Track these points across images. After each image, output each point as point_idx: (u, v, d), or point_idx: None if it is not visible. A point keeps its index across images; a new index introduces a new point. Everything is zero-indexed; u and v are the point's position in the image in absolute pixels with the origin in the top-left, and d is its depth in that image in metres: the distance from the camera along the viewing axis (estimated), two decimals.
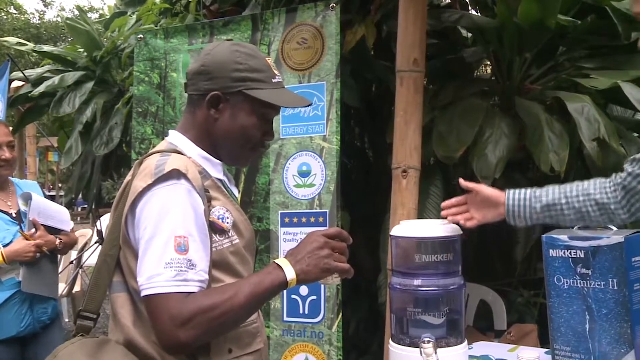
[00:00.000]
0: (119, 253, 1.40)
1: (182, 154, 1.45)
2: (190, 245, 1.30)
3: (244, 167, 2.78)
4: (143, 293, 1.28)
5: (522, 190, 1.83)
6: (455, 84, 3.20)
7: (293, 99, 1.57)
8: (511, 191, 1.84)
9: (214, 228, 1.40)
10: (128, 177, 1.45)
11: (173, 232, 1.29)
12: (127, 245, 1.39)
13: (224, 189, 1.50)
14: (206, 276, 1.33)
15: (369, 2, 3.16)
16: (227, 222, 1.44)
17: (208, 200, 1.41)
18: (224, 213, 1.44)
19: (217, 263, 1.39)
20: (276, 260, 1.37)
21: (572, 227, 1.92)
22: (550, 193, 1.81)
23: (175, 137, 1.51)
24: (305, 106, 1.62)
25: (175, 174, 1.35)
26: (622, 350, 1.91)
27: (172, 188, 1.34)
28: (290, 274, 1.34)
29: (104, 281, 1.40)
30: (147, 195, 1.34)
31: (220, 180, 1.50)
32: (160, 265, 1.27)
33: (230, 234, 1.44)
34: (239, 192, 2.23)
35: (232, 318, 1.31)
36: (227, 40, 2.73)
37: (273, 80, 1.49)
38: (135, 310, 1.39)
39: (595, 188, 1.76)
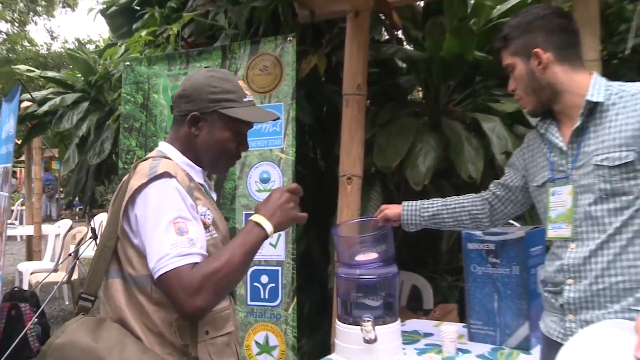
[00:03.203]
0: (116, 244, 1.36)
1: (170, 160, 1.43)
2: (189, 228, 1.29)
3: (224, 174, 2.71)
4: (157, 275, 1.25)
5: (413, 203, 1.92)
6: (392, 105, 3.20)
7: (262, 114, 1.54)
8: (405, 203, 1.93)
9: None
10: (124, 178, 1.42)
11: (172, 219, 1.27)
12: (124, 237, 1.35)
13: (205, 192, 1.47)
14: (204, 251, 1.31)
15: (321, 36, 3.14)
16: (209, 219, 1.41)
17: (192, 200, 1.38)
18: (206, 211, 1.41)
19: None
20: (253, 218, 1.36)
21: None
22: (435, 205, 1.89)
23: (165, 147, 1.48)
24: (273, 120, 1.57)
25: (167, 175, 1.33)
26: (520, 322, 1.96)
27: (164, 184, 1.32)
28: (268, 227, 1.35)
29: (102, 268, 1.37)
30: (143, 192, 1.31)
31: (201, 184, 1.48)
32: (166, 248, 1.25)
33: (210, 229, 1.41)
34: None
35: (233, 277, 1.30)
36: (205, 67, 2.69)
37: (244, 100, 1.46)
38: (127, 294, 1.36)
39: (469, 202, 1.85)
